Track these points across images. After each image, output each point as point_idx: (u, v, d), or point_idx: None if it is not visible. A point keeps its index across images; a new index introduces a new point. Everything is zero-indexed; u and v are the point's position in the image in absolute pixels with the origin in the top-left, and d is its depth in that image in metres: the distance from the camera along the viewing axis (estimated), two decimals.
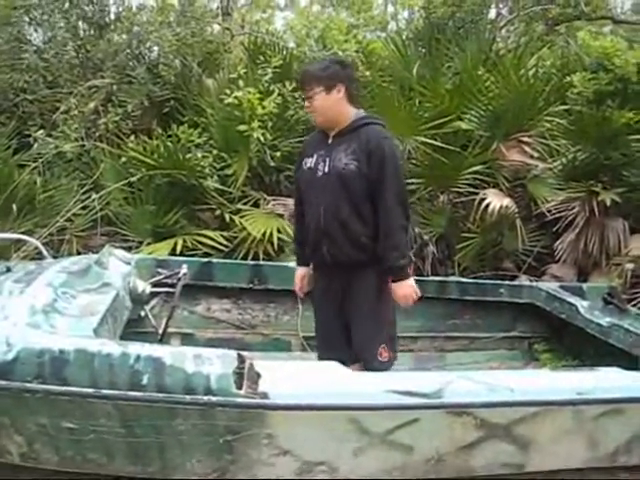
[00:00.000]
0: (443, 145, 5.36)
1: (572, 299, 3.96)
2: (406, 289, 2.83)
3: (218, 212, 5.22)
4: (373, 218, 2.82)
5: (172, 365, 2.13)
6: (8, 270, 3.03)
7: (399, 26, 8.96)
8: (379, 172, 2.76)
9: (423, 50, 6.59)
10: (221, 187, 5.22)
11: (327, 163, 2.85)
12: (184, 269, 3.33)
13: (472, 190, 5.37)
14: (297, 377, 2.27)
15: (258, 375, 2.17)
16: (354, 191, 2.80)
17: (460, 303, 4.18)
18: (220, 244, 4.91)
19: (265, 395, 2.14)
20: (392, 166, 2.79)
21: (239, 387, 2.13)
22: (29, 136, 5.64)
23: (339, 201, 2.82)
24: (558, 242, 5.26)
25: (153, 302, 3.68)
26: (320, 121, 2.93)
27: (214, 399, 2.11)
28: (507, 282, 4.43)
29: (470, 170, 5.36)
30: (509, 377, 2.59)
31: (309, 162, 2.93)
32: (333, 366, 2.38)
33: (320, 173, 2.87)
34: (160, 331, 3.27)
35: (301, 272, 3.20)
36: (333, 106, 2.84)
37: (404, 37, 6.75)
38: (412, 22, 8.56)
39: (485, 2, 6.97)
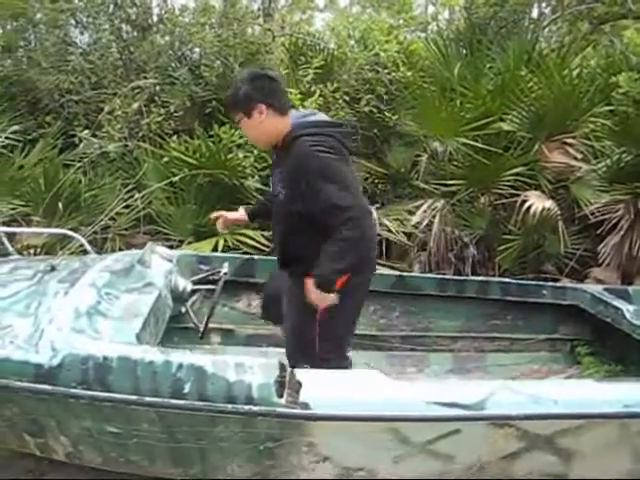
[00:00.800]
0: (484, 146, 5.31)
1: (617, 302, 3.85)
2: (317, 296, 2.58)
3: None
4: (314, 235, 2.56)
5: (214, 374, 2.15)
6: (53, 269, 3.07)
7: (440, 26, 8.87)
8: (307, 193, 2.50)
9: (464, 51, 6.52)
10: (262, 187, 5.24)
11: (271, 186, 2.80)
12: (225, 266, 3.34)
13: (513, 192, 5.32)
14: (338, 386, 2.27)
15: (299, 384, 2.18)
16: (290, 215, 2.65)
17: (502, 303, 4.12)
18: (261, 244, 4.94)
19: (306, 405, 2.14)
20: (318, 181, 2.47)
21: (280, 396, 2.14)
22: (74, 136, 5.76)
23: (279, 225, 2.78)
24: (602, 245, 5.17)
25: (194, 298, 3.70)
26: (260, 145, 2.84)
27: (255, 408, 2.12)
28: (550, 283, 4.34)
29: (512, 171, 5.30)
30: (553, 388, 2.54)
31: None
32: (374, 375, 2.37)
33: (272, 200, 2.81)
34: (201, 328, 3.30)
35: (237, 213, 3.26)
36: (261, 129, 2.62)
37: (445, 37, 6.69)
38: (453, 22, 8.48)
39: (528, 1, 6.86)
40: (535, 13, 7.31)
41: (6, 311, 2.56)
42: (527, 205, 5.12)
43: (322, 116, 2.79)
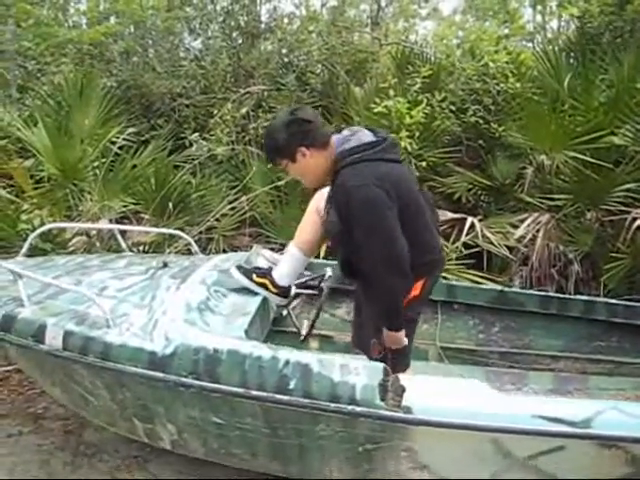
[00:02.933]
0: (594, 161, 5.14)
1: None
2: (393, 339, 2.62)
3: None
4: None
5: (319, 372, 2.18)
6: (165, 266, 3.21)
7: (548, 37, 8.65)
8: (351, 230, 2.50)
9: (575, 62, 6.33)
10: None
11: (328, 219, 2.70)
12: (329, 272, 3.35)
13: (623, 209, 5.11)
14: (442, 394, 2.25)
15: (403, 389, 2.18)
16: (342, 244, 2.65)
17: (607, 325, 3.94)
18: None
19: (408, 409, 2.14)
20: (361, 220, 2.47)
21: (383, 399, 2.14)
22: (184, 138, 5.98)
23: (337, 249, 2.76)
24: None
25: (295, 302, 3.76)
26: (314, 184, 2.80)
27: (358, 409, 2.14)
28: None
29: (622, 187, 5.11)
30: None
31: None
32: (479, 385, 2.35)
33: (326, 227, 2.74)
34: (304, 331, 3.33)
35: None
36: (309, 169, 2.65)
37: (555, 48, 6.52)
38: (562, 32, 8.25)
39: None
40: None
41: (122, 302, 2.69)
42: (638, 223, 4.91)
43: (361, 136, 2.66)
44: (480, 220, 5.23)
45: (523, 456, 2.25)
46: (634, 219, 4.95)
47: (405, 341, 2.65)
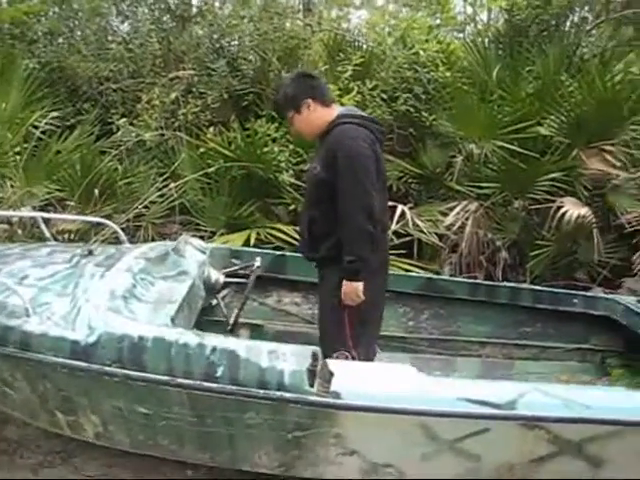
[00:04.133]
0: (521, 150, 5.26)
1: None
2: (349, 289, 2.73)
3: (292, 206, 5.26)
4: (333, 223, 2.80)
5: (247, 359, 2.16)
6: (90, 253, 3.13)
7: (478, 28, 8.79)
8: (336, 175, 2.70)
9: (503, 53, 6.45)
10: (296, 182, 5.25)
11: (310, 168, 3.01)
12: (257, 261, 3.37)
13: (549, 197, 5.25)
14: (370, 378, 2.26)
15: (331, 374, 2.18)
16: (321, 195, 2.82)
17: (533, 311, 4.06)
18: (293, 238, 4.92)
19: (337, 395, 2.14)
20: (348, 168, 2.68)
21: (312, 385, 2.14)
22: (111, 124, 5.82)
23: (309, 203, 2.95)
24: (636, 255, 5.09)
25: (224, 292, 3.72)
26: (308, 137, 3.04)
27: (286, 395, 2.13)
28: (582, 293, 4.29)
29: (548, 177, 5.25)
30: (585, 393, 2.50)
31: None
32: (407, 369, 2.36)
33: (308, 176, 3.04)
34: (231, 321, 3.32)
35: None
36: (310, 121, 2.90)
37: (484, 39, 6.63)
38: (491, 24, 8.39)
39: (571, 5, 6.75)
40: (577, 17, 7.18)
41: (45, 290, 2.60)
42: (562, 211, 5.06)
43: (364, 114, 3.03)
44: (410, 208, 5.29)
45: (450, 439, 2.28)
46: (558, 208, 5.10)
47: (362, 296, 2.72)
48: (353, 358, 2.75)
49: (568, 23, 6.95)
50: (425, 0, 10.98)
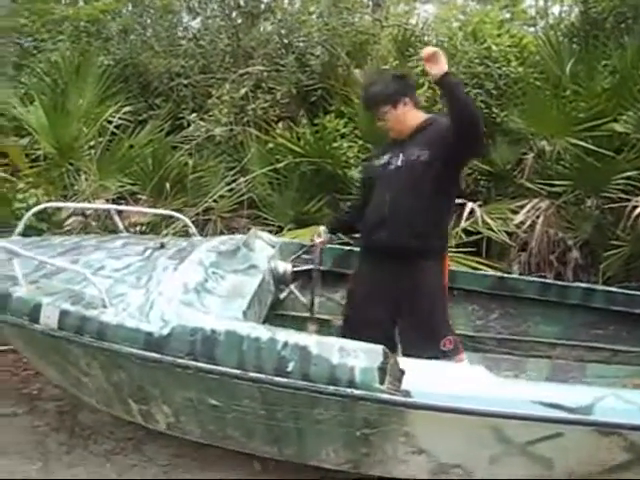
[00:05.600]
0: (595, 148, 5.09)
1: None
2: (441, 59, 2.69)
3: None
4: (439, 214, 3.00)
5: (318, 355, 2.17)
6: (162, 246, 3.18)
7: (550, 21, 8.55)
8: (450, 145, 2.79)
9: (578, 47, 6.26)
10: None
11: (400, 157, 3.00)
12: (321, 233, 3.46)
13: (624, 196, 5.07)
14: (442, 378, 2.24)
15: (402, 372, 2.16)
16: (424, 181, 2.89)
17: (605, 313, 3.94)
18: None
19: (407, 393, 2.13)
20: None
21: (382, 382, 2.12)
22: (182, 119, 5.91)
23: (407, 190, 2.94)
24: None
25: (292, 286, 3.73)
26: (396, 134, 3.08)
27: (356, 392, 2.13)
28: None
29: (623, 175, 5.06)
30: None
31: (382, 160, 3.10)
32: (478, 370, 2.33)
33: (392, 167, 3.02)
34: (315, 302, 3.42)
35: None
36: (403, 119, 3.02)
37: (558, 32, 6.44)
38: (564, 18, 8.13)
39: None
40: None
41: (120, 282, 2.67)
42: (638, 211, 4.88)
43: None
44: (480, 206, 5.19)
45: (521, 442, 2.24)
46: (634, 207, 4.91)
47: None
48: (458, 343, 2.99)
49: None
50: None
